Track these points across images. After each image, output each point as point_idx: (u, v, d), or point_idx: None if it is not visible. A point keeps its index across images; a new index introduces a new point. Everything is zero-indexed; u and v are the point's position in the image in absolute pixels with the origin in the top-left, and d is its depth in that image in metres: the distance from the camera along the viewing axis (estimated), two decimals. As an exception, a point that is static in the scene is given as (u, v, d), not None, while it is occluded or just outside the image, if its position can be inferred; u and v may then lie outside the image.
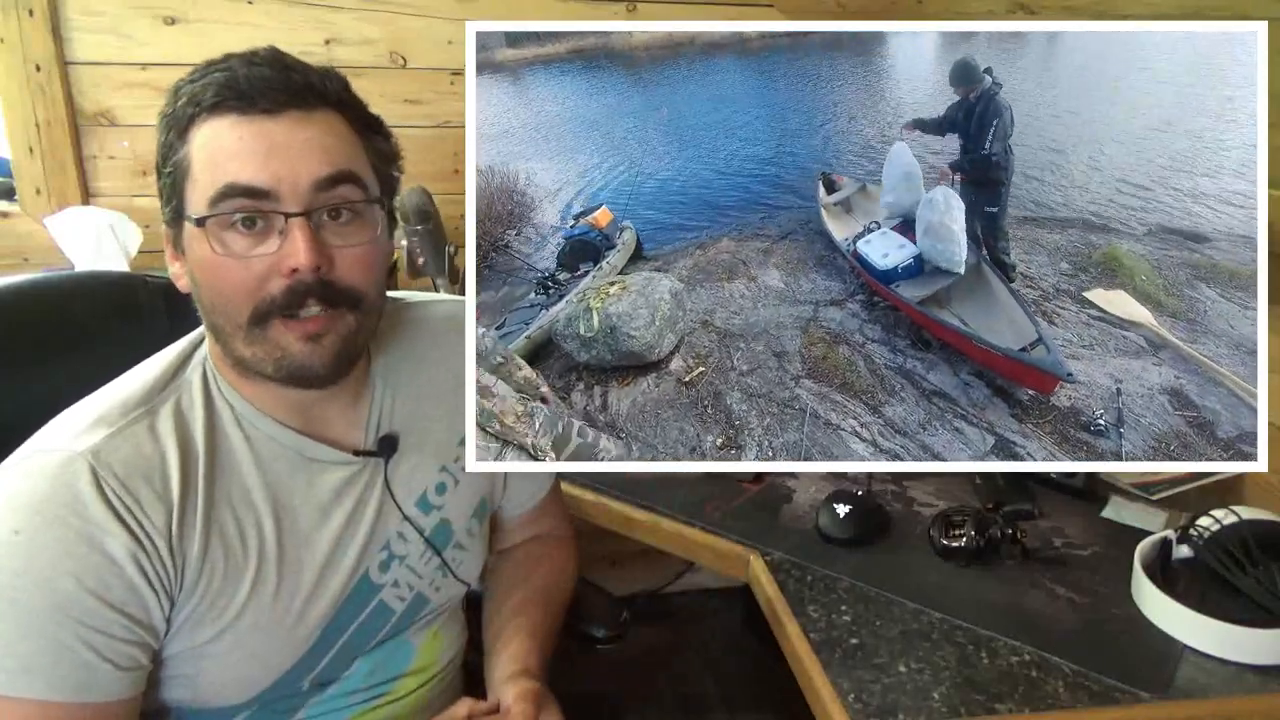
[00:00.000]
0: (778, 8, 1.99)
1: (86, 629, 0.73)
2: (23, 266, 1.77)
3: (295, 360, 0.79)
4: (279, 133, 0.75)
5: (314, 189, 0.76)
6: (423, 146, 1.88)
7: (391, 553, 0.92)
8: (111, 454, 0.76)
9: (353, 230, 0.80)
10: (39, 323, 1.05)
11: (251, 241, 0.76)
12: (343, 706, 0.93)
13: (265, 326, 0.78)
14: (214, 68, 0.78)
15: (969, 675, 0.99)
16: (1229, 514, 1.13)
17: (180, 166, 0.77)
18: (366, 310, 0.82)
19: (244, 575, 0.82)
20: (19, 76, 1.69)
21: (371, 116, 0.83)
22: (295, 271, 0.76)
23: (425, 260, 1.70)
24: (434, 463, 0.96)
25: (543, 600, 1.06)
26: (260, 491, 0.84)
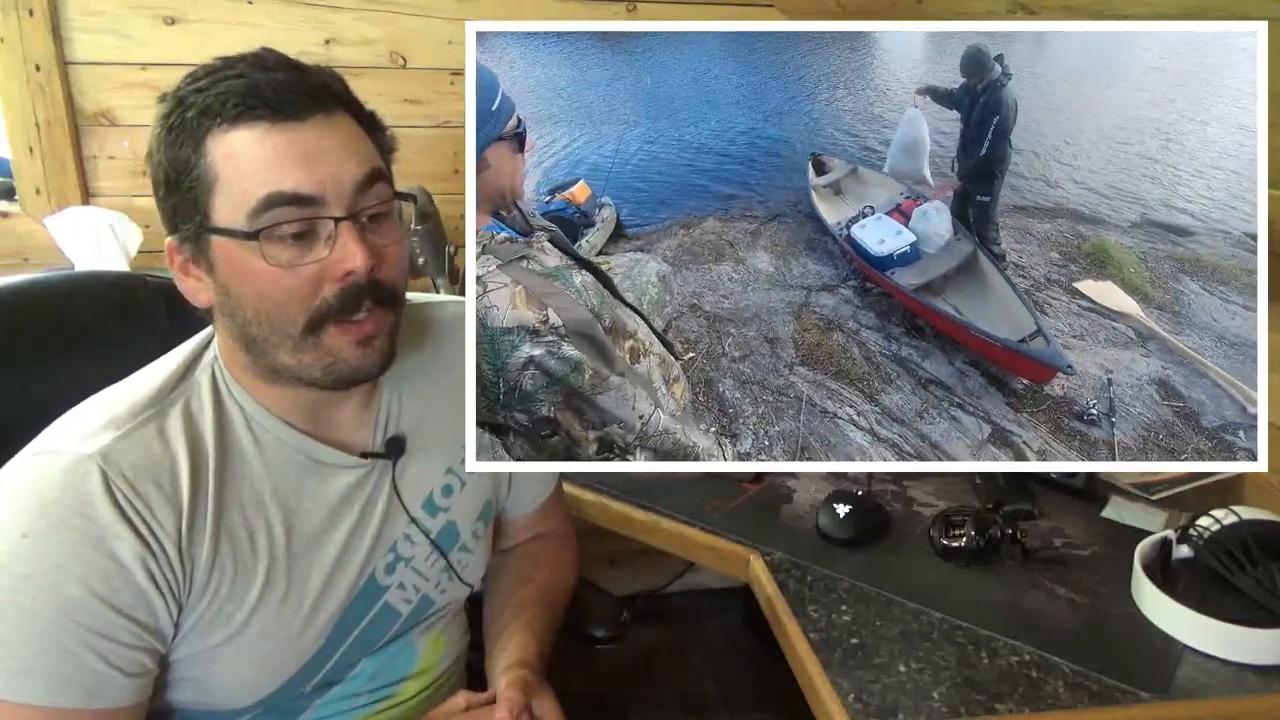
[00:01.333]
0: (778, 8, 1.99)
1: (93, 634, 0.72)
2: (23, 266, 1.77)
3: (348, 364, 0.79)
4: (311, 138, 0.75)
5: (355, 190, 0.76)
6: (423, 146, 1.88)
7: (398, 555, 0.92)
8: (121, 456, 0.75)
9: (388, 228, 0.80)
10: (39, 323, 1.04)
11: (299, 250, 0.75)
12: (347, 709, 0.93)
13: (320, 333, 0.77)
14: (222, 75, 0.75)
15: (969, 675, 0.99)
16: (1229, 514, 1.13)
17: (203, 180, 0.75)
18: (401, 307, 0.83)
19: (253, 579, 0.81)
20: (19, 76, 1.69)
21: (370, 112, 0.83)
22: (349, 274, 0.76)
23: (425, 260, 1.70)
24: (441, 464, 0.96)
25: (544, 599, 1.06)
26: (270, 495, 0.83)
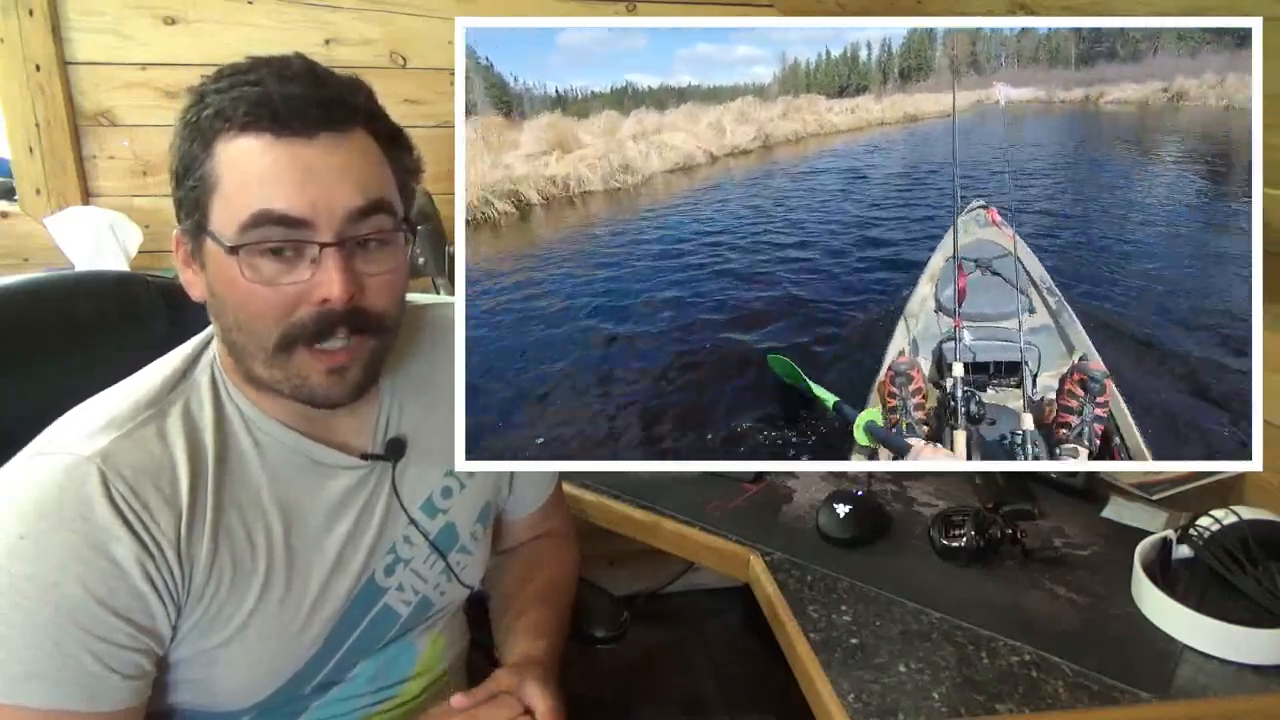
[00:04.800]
0: (777, 7, 1.99)
1: (91, 636, 0.72)
2: (23, 266, 1.77)
3: (315, 389, 0.79)
4: (314, 158, 0.74)
5: (348, 219, 0.75)
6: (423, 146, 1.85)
7: (397, 556, 0.92)
8: (120, 458, 0.75)
9: (383, 257, 0.79)
10: (39, 323, 1.04)
11: (282, 268, 0.75)
12: (348, 710, 0.93)
13: (290, 353, 0.77)
14: (243, 78, 0.75)
15: (969, 675, 0.99)
16: (1229, 514, 1.13)
17: (206, 180, 0.75)
18: (389, 332, 0.82)
19: (252, 581, 0.81)
20: (19, 76, 1.69)
21: (395, 128, 0.82)
22: (327, 301, 0.75)
23: (425, 260, 1.71)
24: (441, 466, 0.96)
25: (549, 597, 1.06)
26: (269, 496, 0.83)
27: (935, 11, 1.56)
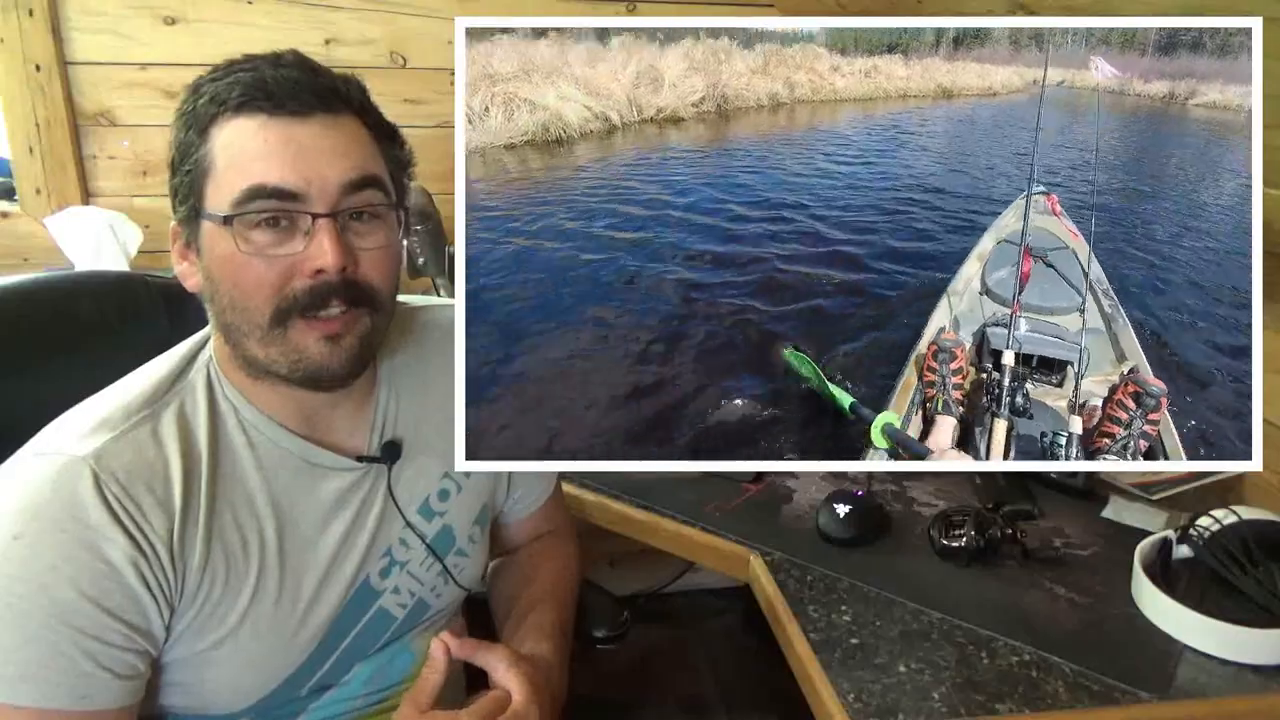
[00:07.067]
0: (777, 6, 1.99)
1: (85, 636, 0.72)
2: (23, 266, 1.77)
3: (313, 361, 0.79)
4: (307, 136, 0.75)
5: (341, 192, 0.76)
6: (423, 146, 1.84)
7: (393, 559, 0.92)
8: (114, 459, 0.75)
9: (374, 232, 0.80)
10: (39, 323, 1.04)
11: (276, 239, 0.76)
12: (344, 712, 0.93)
13: (286, 326, 0.77)
14: (238, 67, 0.77)
15: (969, 675, 0.99)
16: (1229, 514, 1.13)
17: (200, 165, 0.76)
18: (382, 312, 0.83)
19: (245, 582, 0.81)
20: (19, 76, 1.69)
21: (388, 124, 0.83)
22: (320, 272, 0.76)
23: (425, 260, 1.70)
24: (438, 469, 0.96)
25: (551, 596, 1.06)
26: (263, 497, 0.83)
27: (935, 11, 1.56)
